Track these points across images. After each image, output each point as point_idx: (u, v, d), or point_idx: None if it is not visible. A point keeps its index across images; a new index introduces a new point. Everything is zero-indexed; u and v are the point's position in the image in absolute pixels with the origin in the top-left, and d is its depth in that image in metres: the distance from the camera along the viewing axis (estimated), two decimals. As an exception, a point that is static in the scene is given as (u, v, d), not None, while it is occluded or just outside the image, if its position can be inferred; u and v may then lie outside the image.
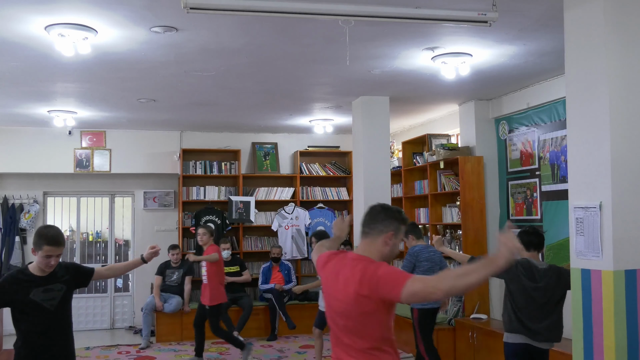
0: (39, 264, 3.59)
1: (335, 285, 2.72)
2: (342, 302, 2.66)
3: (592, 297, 3.61)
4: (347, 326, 2.65)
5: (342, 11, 3.79)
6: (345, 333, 2.67)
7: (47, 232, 3.58)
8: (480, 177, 7.29)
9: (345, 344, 2.67)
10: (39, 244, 3.52)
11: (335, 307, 2.71)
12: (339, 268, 2.74)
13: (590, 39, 3.70)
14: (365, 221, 2.77)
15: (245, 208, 9.59)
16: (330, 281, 2.78)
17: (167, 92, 6.83)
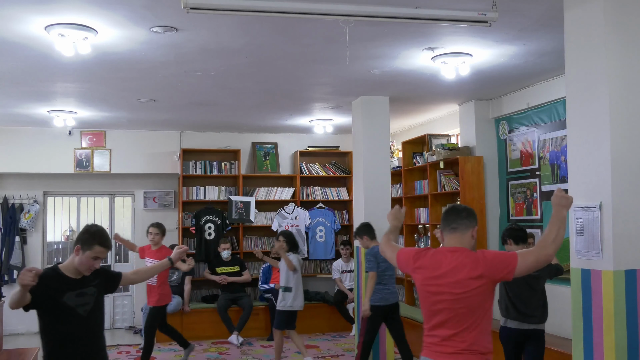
0: (81, 265, 3.34)
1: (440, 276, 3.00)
2: (455, 289, 2.95)
3: (592, 297, 3.61)
4: (459, 309, 2.94)
5: (342, 11, 3.79)
6: (459, 316, 2.95)
7: (101, 232, 3.38)
8: (480, 177, 7.29)
9: (458, 326, 2.95)
10: (90, 243, 3.31)
11: (447, 296, 2.97)
12: (439, 261, 3.04)
13: (590, 39, 3.70)
14: (452, 219, 3.16)
15: (245, 208, 9.59)
16: (431, 274, 3.05)
17: (167, 92, 6.83)
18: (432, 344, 3.03)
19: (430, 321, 3.06)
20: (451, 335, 2.95)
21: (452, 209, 3.23)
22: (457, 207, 3.26)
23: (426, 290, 3.07)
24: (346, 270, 8.95)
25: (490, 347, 3.01)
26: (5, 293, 8.45)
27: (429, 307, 3.06)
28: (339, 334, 8.99)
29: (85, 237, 3.35)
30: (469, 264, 2.96)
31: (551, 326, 6.28)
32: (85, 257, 3.32)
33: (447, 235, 3.15)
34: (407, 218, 8.64)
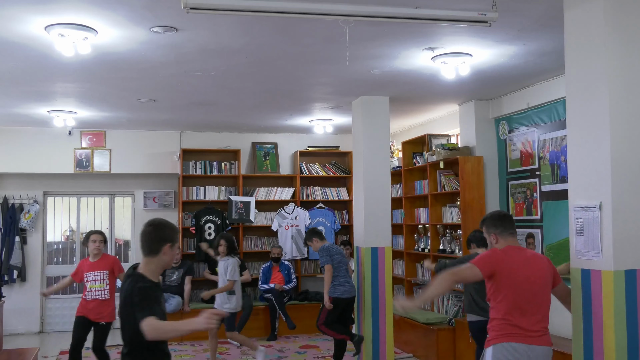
0: (168, 263, 3.27)
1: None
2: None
3: (592, 297, 3.61)
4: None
5: (342, 11, 3.79)
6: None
7: (172, 223, 3.30)
8: (480, 177, 7.29)
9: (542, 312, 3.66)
10: (176, 236, 3.25)
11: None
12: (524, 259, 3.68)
13: (590, 39, 3.70)
14: (510, 225, 3.75)
15: (245, 208, 9.59)
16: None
17: (167, 92, 6.83)
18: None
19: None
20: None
21: (505, 215, 3.87)
22: (506, 212, 3.97)
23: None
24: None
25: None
26: (5, 293, 8.46)
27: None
28: (339, 334, 8.98)
29: (170, 232, 3.23)
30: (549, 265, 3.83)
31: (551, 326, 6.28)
32: (170, 253, 3.23)
33: (508, 239, 3.72)
34: (407, 218, 8.64)
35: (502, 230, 3.71)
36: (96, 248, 6.25)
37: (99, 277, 6.18)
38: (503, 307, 3.58)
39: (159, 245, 3.18)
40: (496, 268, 3.60)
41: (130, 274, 3.21)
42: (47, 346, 8.43)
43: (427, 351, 7.22)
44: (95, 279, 6.17)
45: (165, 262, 3.24)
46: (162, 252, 3.19)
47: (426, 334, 7.25)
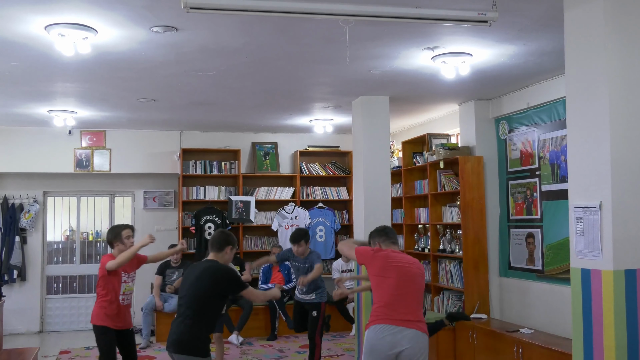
0: (227, 260, 4.42)
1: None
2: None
3: (592, 297, 3.61)
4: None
5: (342, 11, 3.79)
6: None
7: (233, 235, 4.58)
8: (480, 177, 7.29)
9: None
10: (235, 243, 4.48)
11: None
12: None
13: (590, 39, 3.70)
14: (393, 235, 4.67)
15: (245, 208, 9.59)
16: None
17: (167, 92, 6.83)
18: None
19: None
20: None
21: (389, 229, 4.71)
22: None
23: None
24: (346, 270, 8.94)
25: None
26: (5, 293, 8.46)
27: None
28: (339, 333, 8.99)
29: (232, 239, 4.44)
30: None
31: (551, 326, 6.30)
32: (232, 253, 4.44)
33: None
34: (407, 218, 8.64)
35: (385, 239, 4.53)
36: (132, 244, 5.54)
37: (132, 278, 5.57)
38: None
39: (224, 246, 4.39)
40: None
41: (210, 263, 4.32)
42: (47, 346, 8.44)
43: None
44: (130, 280, 5.54)
45: (226, 259, 4.40)
46: (224, 251, 4.39)
47: (426, 334, 7.24)
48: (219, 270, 4.26)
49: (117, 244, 5.42)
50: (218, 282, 4.20)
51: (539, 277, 6.54)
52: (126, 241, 5.46)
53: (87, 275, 9.79)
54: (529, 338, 6.00)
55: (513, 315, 6.97)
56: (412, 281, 4.31)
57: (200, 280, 4.21)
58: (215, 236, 4.49)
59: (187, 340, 4.11)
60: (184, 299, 4.25)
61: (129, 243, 5.45)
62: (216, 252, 4.40)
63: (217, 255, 4.40)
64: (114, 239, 5.44)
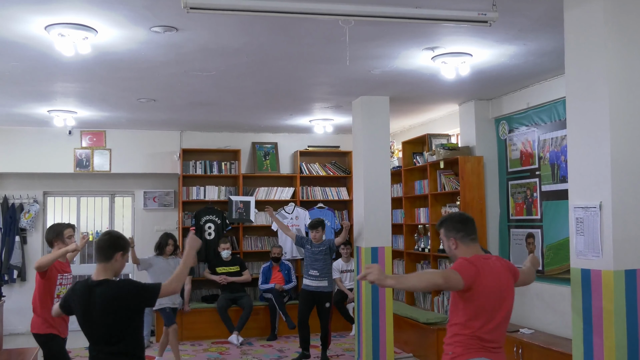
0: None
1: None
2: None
3: (592, 297, 3.61)
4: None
5: (342, 11, 3.79)
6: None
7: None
8: (480, 177, 7.29)
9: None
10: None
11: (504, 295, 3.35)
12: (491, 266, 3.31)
13: (590, 39, 3.70)
14: (473, 229, 3.39)
15: (245, 208, 9.59)
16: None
17: (167, 92, 6.83)
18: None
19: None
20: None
21: (470, 219, 3.45)
22: (470, 216, 3.50)
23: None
24: (346, 270, 8.94)
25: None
26: (5, 293, 8.45)
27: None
28: (339, 333, 8.99)
29: (121, 241, 3.63)
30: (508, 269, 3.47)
31: (551, 326, 6.30)
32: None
33: (469, 245, 3.38)
34: (407, 218, 8.64)
35: (470, 236, 3.39)
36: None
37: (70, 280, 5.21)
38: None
39: (113, 253, 3.57)
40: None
41: (101, 289, 3.53)
42: (47, 346, 8.42)
43: (427, 351, 7.22)
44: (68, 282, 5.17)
45: (116, 268, 3.59)
46: (113, 258, 3.56)
47: (426, 334, 7.25)
48: (120, 294, 3.42)
49: (57, 244, 5.04)
50: (129, 306, 3.42)
51: (539, 277, 6.54)
52: (67, 241, 5.09)
53: (87, 276, 9.76)
54: (529, 338, 6.01)
55: (513, 315, 6.94)
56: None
57: (107, 314, 3.40)
58: (100, 241, 3.54)
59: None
60: (97, 338, 3.47)
61: (70, 242, 5.10)
62: (104, 263, 3.51)
63: (106, 267, 3.51)
64: (55, 237, 5.05)
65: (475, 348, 3.31)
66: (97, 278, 3.50)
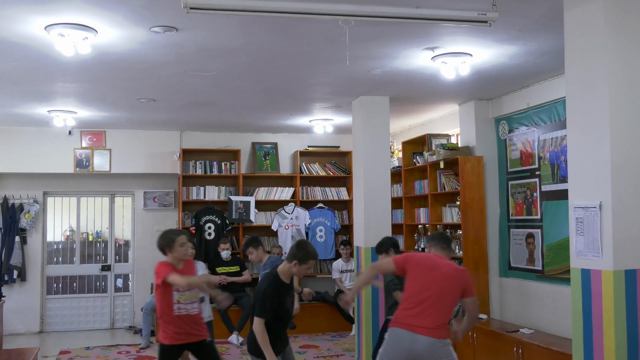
0: (299, 274, 4.35)
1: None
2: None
3: (592, 297, 3.61)
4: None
5: (342, 11, 3.79)
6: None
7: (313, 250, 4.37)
8: (480, 177, 7.28)
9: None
10: (303, 258, 4.26)
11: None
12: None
13: (590, 39, 3.70)
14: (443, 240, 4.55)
15: (245, 208, 9.59)
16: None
17: (167, 92, 6.83)
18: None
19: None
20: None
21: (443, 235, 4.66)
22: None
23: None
24: (346, 270, 8.95)
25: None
26: (5, 293, 8.46)
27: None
28: (339, 333, 9.00)
29: (302, 254, 4.26)
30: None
31: (551, 326, 6.30)
32: (301, 268, 4.31)
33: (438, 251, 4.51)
34: (407, 218, 8.64)
35: (435, 244, 4.52)
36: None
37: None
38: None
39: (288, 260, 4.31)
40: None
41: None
42: (47, 346, 8.44)
43: (427, 351, 7.22)
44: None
45: (294, 272, 4.32)
46: (291, 264, 4.29)
47: (426, 334, 7.24)
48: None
49: (169, 252, 4.81)
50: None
51: (539, 277, 6.54)
52: (180, 249, 4.80)
53: (87, 276, 9.79)
54: (529, 338, 6.01)
55: (513, 315, 6.96)
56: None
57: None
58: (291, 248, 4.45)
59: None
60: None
61: (183, 251, 4.82)
62: (287, 261, 4.36)
63: (285, 265, 4.36)
64: (167, 245, 4.81)
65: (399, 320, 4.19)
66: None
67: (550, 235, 6.37)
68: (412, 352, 4.06)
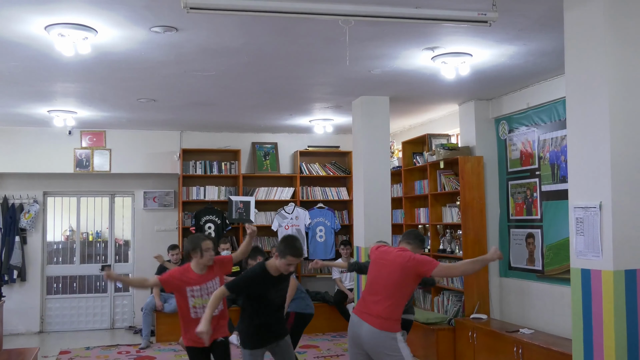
0: (280, 268, 4.33)
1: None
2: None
3: (592, 297, 3.61)
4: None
5: (342, 11, 3.79)
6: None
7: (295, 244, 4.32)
8: (480, 177, 7.29)
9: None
10: (283, 252, 4.27)
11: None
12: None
13: (590, 39, 3.70)
14: (405, 235, 4.64)
15: (245, 208, 9.59)
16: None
17: (167, 92, 6.83)
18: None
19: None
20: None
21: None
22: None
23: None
24: (346, 270, 8.94)
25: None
26: (5, 293, 8.45)
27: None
28: (339, 334, 8.99)
29: (281, 248, 4.30)
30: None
31: (551, 326, 6.30)
32: (282, 263, 4.31)
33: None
34: (407, 218, 8.64)
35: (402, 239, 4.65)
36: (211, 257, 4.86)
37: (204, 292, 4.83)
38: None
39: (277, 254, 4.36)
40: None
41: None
42: (47, 346, 8.43)
43: (427, 351, 7.22)
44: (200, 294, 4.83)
45: (277, 265, 4.37)
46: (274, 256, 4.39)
47: (426, 334, 7.25)
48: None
49: (195, 256, 4.78)
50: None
51: (539, 277, 6.54)
52: (206, 254, 4.76)
53: (87, 276, 9.79)
54: (529, 338, 6.01)
55: (513, 315, 6.96)
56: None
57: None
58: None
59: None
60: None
61: (209, 256, 4.77)
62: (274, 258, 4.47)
63: (272, 261, 4.48)
64: (193, 250, 4.78)
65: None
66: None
67: (550, 235, 6.37)
68: (357, 337, 4.31)
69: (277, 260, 4.33)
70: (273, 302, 4.48)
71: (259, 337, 4.47)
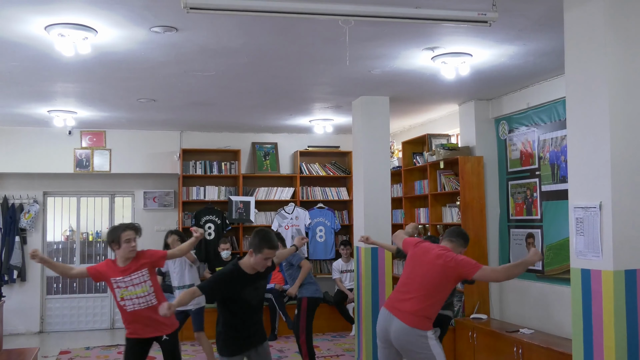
0: (256, 265, 4.14)
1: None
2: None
3: (592, 297, 3.61)
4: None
5: (342, 11, 3.79)
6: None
7: (271, 237, 4.12)
8: (480, 177, 7.29)
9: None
10: (258, 246, 4.08)
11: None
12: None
13: (590, 39, 3.70)
14: (448, 233, 4.69)
15: (245, 208, 9.59)
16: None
17: (167, 92, 6.83)
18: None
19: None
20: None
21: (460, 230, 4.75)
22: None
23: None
24: (346, 270, 8.95)
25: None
26: (5, 293, 8.46)
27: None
28: (339, 334, 9.00)
29: (256, 242, 4.10)
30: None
31: (551, 326, 6.30)
32: (257, 259, 4.13)
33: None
34: (407, 218, 8.64)
35: (444, 236, 4.68)
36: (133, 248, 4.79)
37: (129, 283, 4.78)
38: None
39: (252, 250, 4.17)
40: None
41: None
42: (47, 346, 8.44)
43: (427, 351, 7.22)
44: (126, 285, 4.79)
45: (251, 263, 4.20)
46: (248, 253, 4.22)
47: (426, 334, 7.25)
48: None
49: (114, 247, 4.75)
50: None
51: (539, 277, 6.54)
52: (125, 245, 4.68)
53: (86, 276, 9.77)
54: (529, 338, 6.01)
55: (513, 315, 6.96)
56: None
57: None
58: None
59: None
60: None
61: (128, 247, 4.69)
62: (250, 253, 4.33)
63: (248, 258, 4.30)
64: (112, 241, 4.74)
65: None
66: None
67: (550, 235, 6.37)
68: (386, 332, 4.27)
69: (252, 258, 4.13)
70: (250, 304, 4.20)
71: (237, 344, 4.21)
